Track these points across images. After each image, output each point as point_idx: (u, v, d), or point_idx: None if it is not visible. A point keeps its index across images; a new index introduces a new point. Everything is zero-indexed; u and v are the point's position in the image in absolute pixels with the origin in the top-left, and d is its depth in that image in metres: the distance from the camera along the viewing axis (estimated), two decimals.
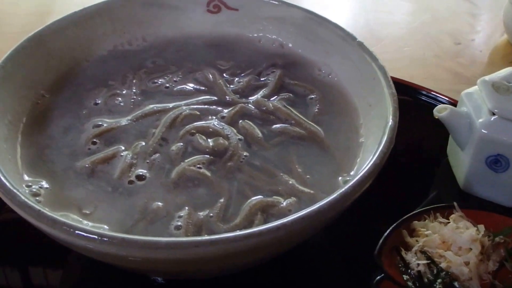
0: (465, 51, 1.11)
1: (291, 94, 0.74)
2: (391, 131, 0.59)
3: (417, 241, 0.64)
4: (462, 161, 0.73)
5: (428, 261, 0.61)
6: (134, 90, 0.74)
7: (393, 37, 1.12)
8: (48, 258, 0.68)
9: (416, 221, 0.66)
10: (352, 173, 0.63)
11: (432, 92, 0.87)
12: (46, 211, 0.52)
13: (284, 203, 0.60)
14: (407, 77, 0.89)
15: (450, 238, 0.63)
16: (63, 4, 1.15)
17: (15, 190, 0.53)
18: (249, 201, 0.60)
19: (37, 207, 0.52)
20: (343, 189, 0.54)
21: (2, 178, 0.54)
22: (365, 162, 0.60)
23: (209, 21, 0.83)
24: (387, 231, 0.64)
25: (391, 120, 0.61)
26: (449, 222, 0.65)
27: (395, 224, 0.65)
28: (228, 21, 0.83)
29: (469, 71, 1.04)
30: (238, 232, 0.50)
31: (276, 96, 0.73)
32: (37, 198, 0.60)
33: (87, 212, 0.59)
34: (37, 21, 1.06)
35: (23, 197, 0.53)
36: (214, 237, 0.49)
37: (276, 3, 0.81)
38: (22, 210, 0.53)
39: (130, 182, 0.62)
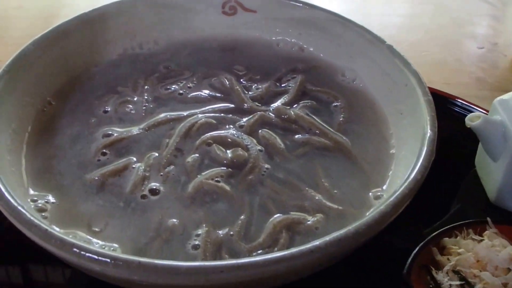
0: (488, 56, 1.06)
1: (313, 102, 0.69)
2: (431, 143, 0.55)
3: (448, 259, 0.59)
4: (493, 173, 0.68)
5: (462, 282, 0.57)
6: (146, 97, 0.69)
7: (411, 41, 1.07)
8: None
9: (446, 238, 0.61)
10: (384, 187, 0.58)
11: (458, 100, 0.81)
12: (54, 230, 0.47)
13: (311, 221, 0.55)
14: (427, 83, 0.83)
15: (485, 257, 0.58)
16: (70, 8, 1.10)
17: (20, 208, 0.49)
18: (272, 218, 0.56)
19: (44, 226, 0.47)
20: (382, 207, 0.49)
21: (6, 194, 0.50)
22: (400, 176, 0.56)
23: (225, 24, 0.79)
24: (416, 249, 0.59)
25: (429, 131, 0.56)
26: (482, 239, 0.60)
27: (424, 242, 0.60)
28: (245, 23, 0.79)
29: (493, 76, 0.99)
30: (268, 256, 0.45)
31: (297, 104, 0.68)
32: (43, 214, 0.55)
33: (97, 229, 0.55)
34: (43, 25, 1.00)
35: (28, 215, 0.48)
36: (241, 262, 0.45)
37: (296, 4, 0.76)
38: (27, 229, 0.48)
39: (143, 196, 0.57)
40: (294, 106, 0.68)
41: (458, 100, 0.79)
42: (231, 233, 0.54)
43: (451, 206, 0.70)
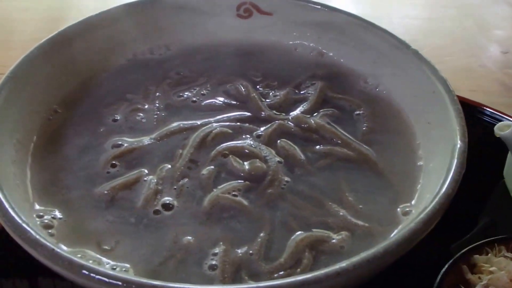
0: None
1: (335, 110, 0.65)
2: (461, 155, 0.51)
3: (480, 278, 0.56)
4: None
5: None
6: (157, 105, 0.66)
7: (433, 46, 1.03)
8: None
9: (477, 255, 0.57)
10: (413, 202, 0.54)
11: (486, 108, 0.77)
12: (61, 250, 0.43)
13: (336, 239, 0.52)
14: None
15: None
16: (77, 10, 1.07)
17: (24, 225, 0.45)
18: (294, 235, 0.52)
19: (51, 245, 0.44)
20: (413, 225, 0.45)
21: (10, 211, 0.46)
22: (429, 191, 0.52)
23: (240, 27, 0.75)
24: (445, 267, 0.55)
25: (459, 142, 0.52)
26: None
27: (453, 259, 0.57)
28: (261, 27, 0.75)
29: None
30: (291, 280, 0.42)
31: (317, 112, 0.64)
32: (50, 231, 0.52)
33: (107, 248, 0.51)
34: (49, 28, 0.96)
35: (34, 234, 0.45)
36: (263, 286, 0.40)
37: (315, 6, 0.72)
38: (33, 249, 0.45)
39: (156, 212, 0.54)
40: (314, 114, 0.64)
41: (486, 108, 0.74)
42: (251, 252, 0.50)
43: (480, 220, 0.66)
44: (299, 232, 0.52)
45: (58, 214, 0.54)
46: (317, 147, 0.61)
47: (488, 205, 0.70)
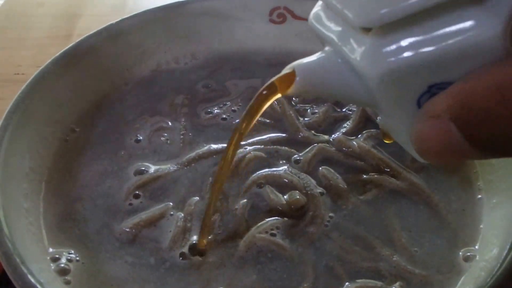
0: None
1: (379, 130, 0.57)
2: None
3: None
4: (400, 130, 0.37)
5: None
6: (183, 123, 0.59)
7: None
8: None
9: None
10: (476, 246, 0.47)
11: None
12: None
13: None
14: None
15: None
16: (93, 7, 1.00)
17: (38, 285, 0.39)
18: (344, 286, 0.45)
19: None
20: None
21: (23, 268, 0.40)
22: (496, 233, 0.45)
23: (272, 34, 0.68)
24: None
25: None
26: None
27: None
28: (295, 33, 0.68)
29: None
30: None
31: (361, 133, 0.57)
32: (66, 278, 0.46)
33: None
34: (66, 25, 0.92)
35: None
36: None
37: None
38: None
39: (183, 254, 0.47)
40: (358, 136, 0.57)
41: None
42: None
43: None
44: (347, 283, 0.45)
45: (74, 255, 0.48)
46: (363, 175, 0.54)
47: None
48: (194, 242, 0.49)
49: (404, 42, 0.30)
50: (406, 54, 0.30)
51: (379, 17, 0.30)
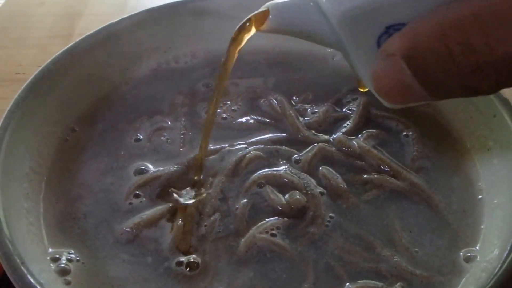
0: None
1: (380, 130, 0.58)
2: None
3: None
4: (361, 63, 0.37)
5: None
6: (183, 122, 0.59)
7: None
8: None
9: None
10: (477, 247, 0.47)
11: None
12: None
13: None
14: None
15: None
16: (94, 6, 1.00)
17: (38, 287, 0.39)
18: (345, 286, 0.45)
19: None
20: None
21: (23, 268, 0.40)
22: (496, 234, 0.45)
23: (272, 33, 0.67)
24: None
25: None
26: None
27: None
28: None
29: None
30: None
31: (361, 133, 0.57)
32: (66, 278, 0.46)
33: None
34: (67, 25, 0.92)
35: None
36: None
37: None
38: None
39: (185, 255, 0.47)
40: (359, 136, 0.57)
41: None
42: None
43: None
44: (348, 283, 0.45)
45: (74, 255, 0.48)
46: (363, 175, 0.54)
47: None
48: (195, 243, 0.48)
49: None
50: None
51: None
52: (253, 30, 0.43)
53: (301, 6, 0.37)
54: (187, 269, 0.47)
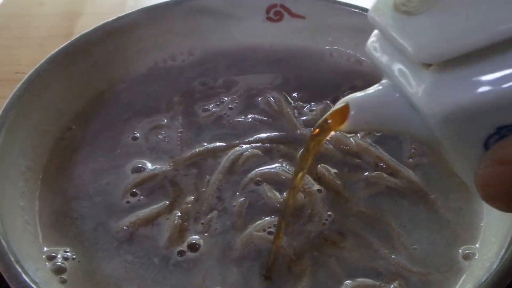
0: None
1: None
2: None
3: None
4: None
5: None
6: (180, 121, 0.59)
7: None
8: None
9: None
10: (476, 245, 0.47)
11: None
12: None
13: None
14: None
15: None
16: (93, 5, 0.99)
17: (33, 285, 0.38)
18: (343, 286, 0.44)
19: None
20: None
21: (17, 267, 0.40)
22: (493, 233, 0.45)
23: (269, 31, 0.68)
24: None
25: None
26: None
27: None
28: (293, 31, 0.68)
29: None
30: None
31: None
32: (62, 276, 0.45)
33: None
34: (66, 24, 0.91)
35: None
36: None
37: (353, 10, 0.65)
38: None
39: (181, 253, 0.47)
40: (356, 134, 0.57)
41: None
42: None
43: None
44: (346, 281, 0.45)
45: (70, 253, 0.47)
46: (361, 173, 0.53)
47: None
48: (192, 240, 0.48)
49: (470, 79, 0.27)
50: (473, 92, 0.26)
51: (441, 53, 0.27)
52: (330, 133, 0.37)
53: (387, 99, 0.32)
54: (184, 266, 0.46)
